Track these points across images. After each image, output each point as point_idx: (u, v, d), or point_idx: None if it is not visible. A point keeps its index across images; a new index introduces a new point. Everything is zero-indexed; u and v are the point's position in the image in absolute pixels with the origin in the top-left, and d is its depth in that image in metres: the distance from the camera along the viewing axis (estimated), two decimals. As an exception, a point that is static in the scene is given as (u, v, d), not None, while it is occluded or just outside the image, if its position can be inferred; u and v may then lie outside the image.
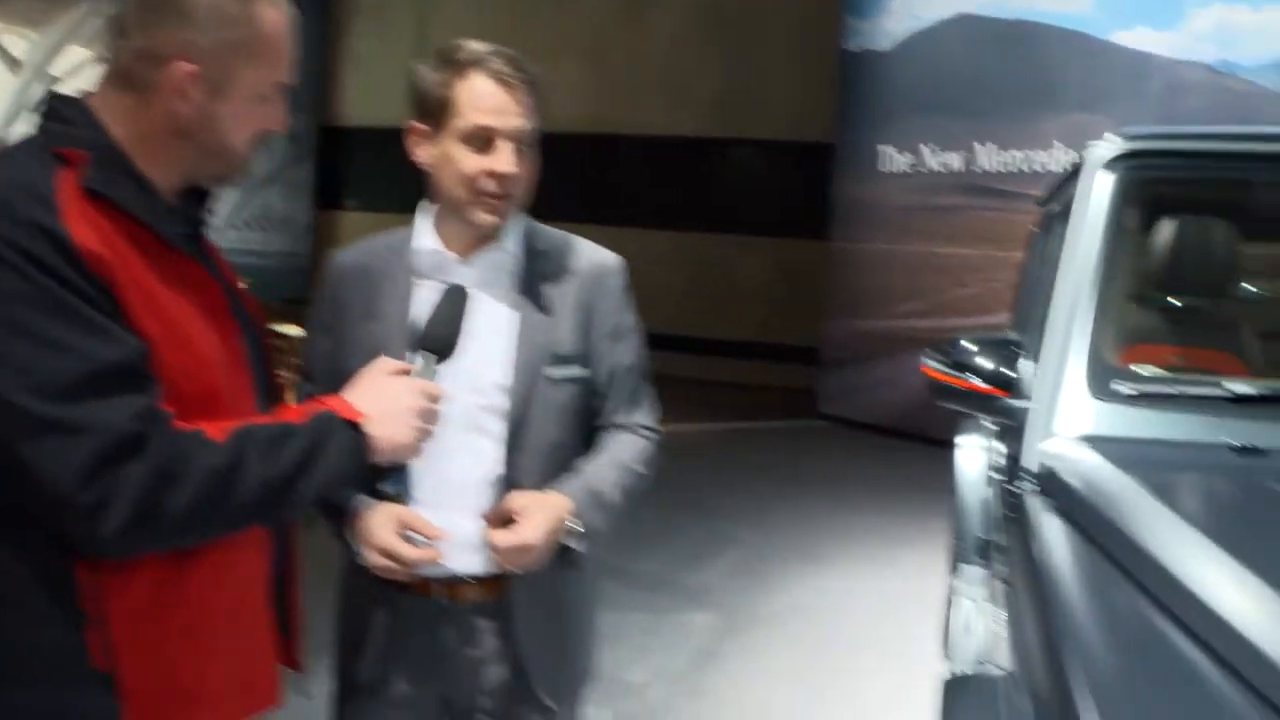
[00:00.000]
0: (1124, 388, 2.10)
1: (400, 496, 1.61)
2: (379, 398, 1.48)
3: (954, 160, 8.93)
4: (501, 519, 1.74)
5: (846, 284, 9.80)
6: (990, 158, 8.68)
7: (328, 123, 13.59)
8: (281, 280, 11.25)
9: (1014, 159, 8.44)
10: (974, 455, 3.77)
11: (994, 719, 1.52)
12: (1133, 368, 2.19)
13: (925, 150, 9.12)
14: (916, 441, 7.70)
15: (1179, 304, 2.84)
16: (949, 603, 3.59)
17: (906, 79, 9.29)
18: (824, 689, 4.18)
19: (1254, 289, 3.38)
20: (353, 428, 1.43)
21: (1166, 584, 1.48)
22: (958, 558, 3.65)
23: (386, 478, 1.53)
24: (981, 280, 8.40)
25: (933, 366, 2.41)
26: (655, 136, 12.15)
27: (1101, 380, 2.11)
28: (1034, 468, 2.05)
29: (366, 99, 13.10)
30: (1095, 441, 2.01)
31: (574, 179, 11.68)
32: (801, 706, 4.06)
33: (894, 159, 9.37)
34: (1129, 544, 1.63)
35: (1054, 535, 1.79)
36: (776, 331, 11.14)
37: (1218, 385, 2.07)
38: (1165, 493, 1.79)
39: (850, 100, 9.92)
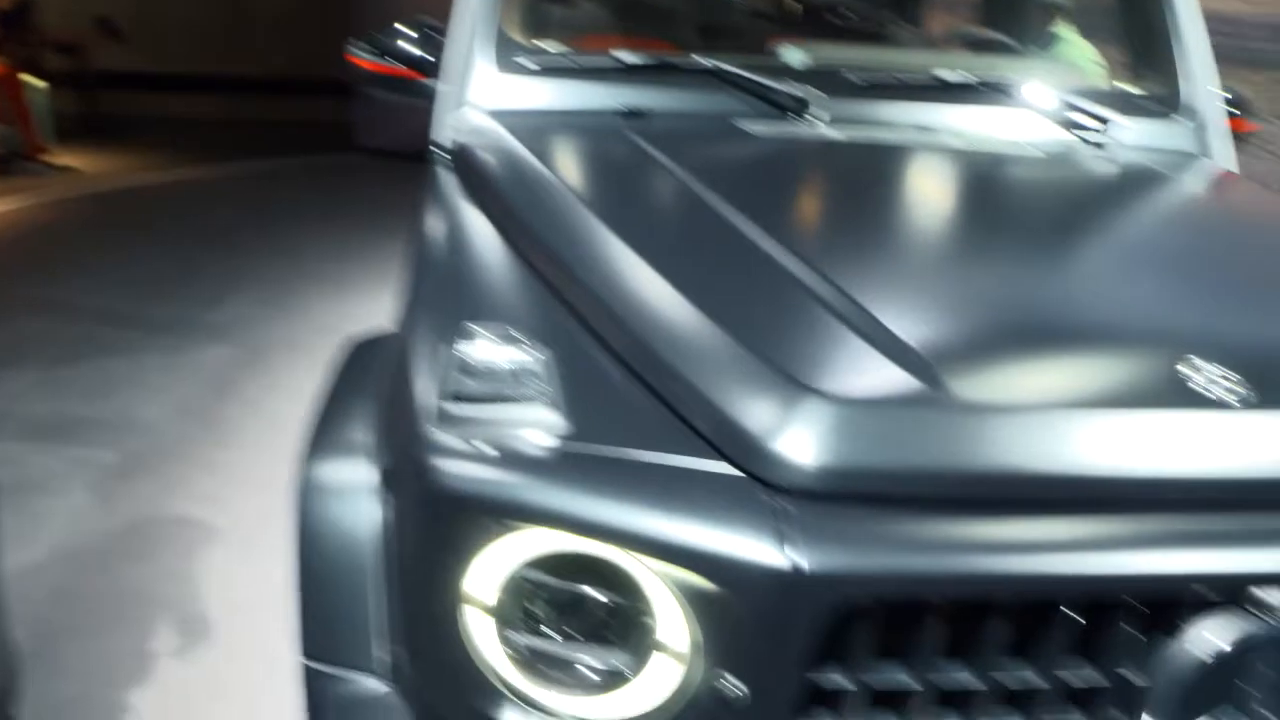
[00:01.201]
0: (528, 62, 2.21)
1: None
2: None
3: None
4: None
5: (373, 10, 9.44)
6: None
7: None
8: None
9: None
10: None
11: (367, 362, 1.64)
12: (537, 43, 2.30)
13: None
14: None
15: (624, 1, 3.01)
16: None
17: None
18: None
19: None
20: None
21: (528, 237, 1.62)
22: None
23: None
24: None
25: (358, 55, 2.40)
26: None
27: (507, 55, 2.20)
28: (443, 142, 2.13)
29: None
30: (499, 115, 2.12)
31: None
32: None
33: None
34: (502, 199, 1.76)
35: (447, 199, 1.89)
36: (305, 64, 10.60)
37: (610, 57, 2.22)
38: (547, 155, 1.93)
39: None
